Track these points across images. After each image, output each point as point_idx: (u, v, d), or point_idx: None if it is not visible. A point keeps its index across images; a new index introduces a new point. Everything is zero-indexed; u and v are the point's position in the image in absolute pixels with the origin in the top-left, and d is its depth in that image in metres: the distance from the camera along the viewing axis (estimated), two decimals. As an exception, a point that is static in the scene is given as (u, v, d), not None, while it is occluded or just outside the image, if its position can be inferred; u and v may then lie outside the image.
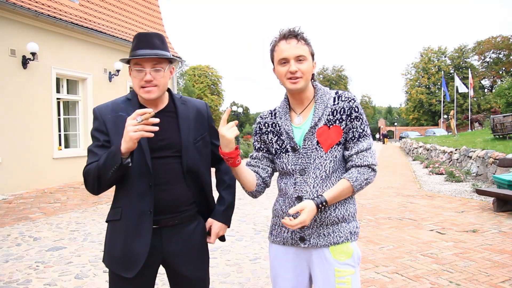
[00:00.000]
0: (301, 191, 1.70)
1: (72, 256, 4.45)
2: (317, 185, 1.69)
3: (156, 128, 1.56)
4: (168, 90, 1.86)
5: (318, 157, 1.69)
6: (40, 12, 9.27)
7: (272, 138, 1.81)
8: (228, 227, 1.93)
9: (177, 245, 1.76)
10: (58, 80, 10.45)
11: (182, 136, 1.76)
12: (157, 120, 1.56)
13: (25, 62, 9.12)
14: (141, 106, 1.76)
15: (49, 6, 10.00)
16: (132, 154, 1.61)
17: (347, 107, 1.70)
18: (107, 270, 3.70)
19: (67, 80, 10.87)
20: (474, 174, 10.65)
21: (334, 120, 1.70)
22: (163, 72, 1.71)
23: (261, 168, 1.84)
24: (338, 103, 1.71)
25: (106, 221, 1.82)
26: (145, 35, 1.72)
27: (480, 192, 6.83)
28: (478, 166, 10.65)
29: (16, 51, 9.02)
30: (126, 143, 1.55)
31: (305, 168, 1.71)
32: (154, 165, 1.70)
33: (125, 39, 12.19)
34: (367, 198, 7.99)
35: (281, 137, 1.77)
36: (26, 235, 5.36)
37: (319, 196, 1.65)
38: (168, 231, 1.75)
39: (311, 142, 1.70)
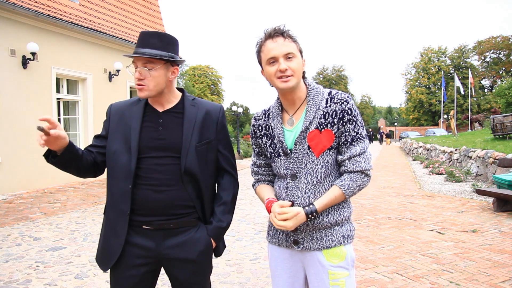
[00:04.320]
0: (293, 196, 1.67)
1: (72, 256, 4.45)
2: (309, 190, 1.65)
3: (42, 142, 1.62)
4: (182, 90, 1.86)
5: (309, 162, 1.65)
6: (40, 12, 9.27)
7: (266, 141, 1.77)
8: (217, 245, 1.85)
9: (172, 249, 1.72)
10: (58, 80, 10.44)
11: (184, 137, 1.73)
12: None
13: (25, 62, 9.12)
14: (147, 106, 1.79)
15: (49, 6, 9.99)
16: (66, 150, 1.65)
17: (339, 109, 1.62)
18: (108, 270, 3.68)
19: (67, 80, 10.87)
20: (474, 174, 10.65)
21: (325, 123, 1.63)
22: (154, 71, 1.68)
23: (269, 175, 1.88)
24: (330, 105, 1.64)
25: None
26: (144, 34, 1.71)
27: (480, 192, 6.83)
28: (478, 166, 10.65)
29: (16, 51, 9.02)
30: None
31: (297, 173, 1.67)
32: (151, 164, 1.70)
33: (125, 39, 12.19)
34: (367, 198, 7.99)
35: (274, 141, 1.74)
36: (26, 235, 5.36)
37: (310, 206, 1.62)
38: (161, 234, 1.72)
39: (302, 146, 1.65)
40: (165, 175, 1.71)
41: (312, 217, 1.61)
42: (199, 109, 1.81)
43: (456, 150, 13.58)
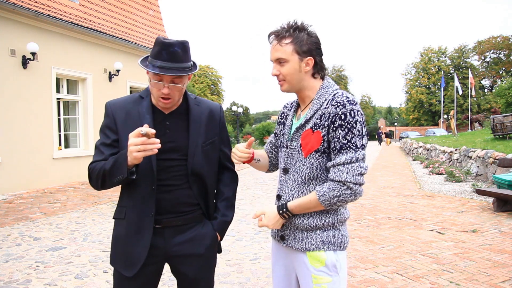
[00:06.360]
0: (282, 190, 1.71)
1: (72, 256, 4.45)
2: (294, 188, 1.66)
3: (159, 146, 1.53)
4: None
5: (298, 160, 1.64)
6: (40, 12, 9.27)
7: (282, 129, 1.83)
8: (220, 239, 1.88)
9: (180, 246, 1.75)
10: (58, 80, 10.44)
11: (191, 139, 1.74)
12: (154, 135, 1.54)
13: (25, 62, 9.12)
14: (153, 106, 1.75)
15: (49, 6, 9.99)
16: (137, 165, 1.61)
17: (332, 113, 1.55)
18: (107, 270, 3.70)
19: (67, 80, 10.87)
20: (474, 174, 10.65)
21: (319, 125, 1.58)
22: (181, 86, 1.67)
23: (271, 153, 1.93)
24: (327, 107, 1.58)
25: (113, 218, 1.83)
26: (167, 45, 1.59)
27: (480, 192, 6.83)
28: (478, 166, 10.64)
29: (16, 51, 9.01)
30: (131, 160, 1.55)
31: (288, 168, 1.69)
32: (159, 166, 1.69)
33: (125, 39, 12.19)
34: (367, 198, 7.99)
35: (285, 131, 1.78)
36: (26, 235, 5.36)
37: (281, 201, 1.67)
38: (171, 231, 1.74)
39: (296, 143, 1.66)
40: (171, 175, 1.72)
41: (283, 212, 1.64)
42: (203, 108, 1.83)
43: (456, 150, 13.58)
